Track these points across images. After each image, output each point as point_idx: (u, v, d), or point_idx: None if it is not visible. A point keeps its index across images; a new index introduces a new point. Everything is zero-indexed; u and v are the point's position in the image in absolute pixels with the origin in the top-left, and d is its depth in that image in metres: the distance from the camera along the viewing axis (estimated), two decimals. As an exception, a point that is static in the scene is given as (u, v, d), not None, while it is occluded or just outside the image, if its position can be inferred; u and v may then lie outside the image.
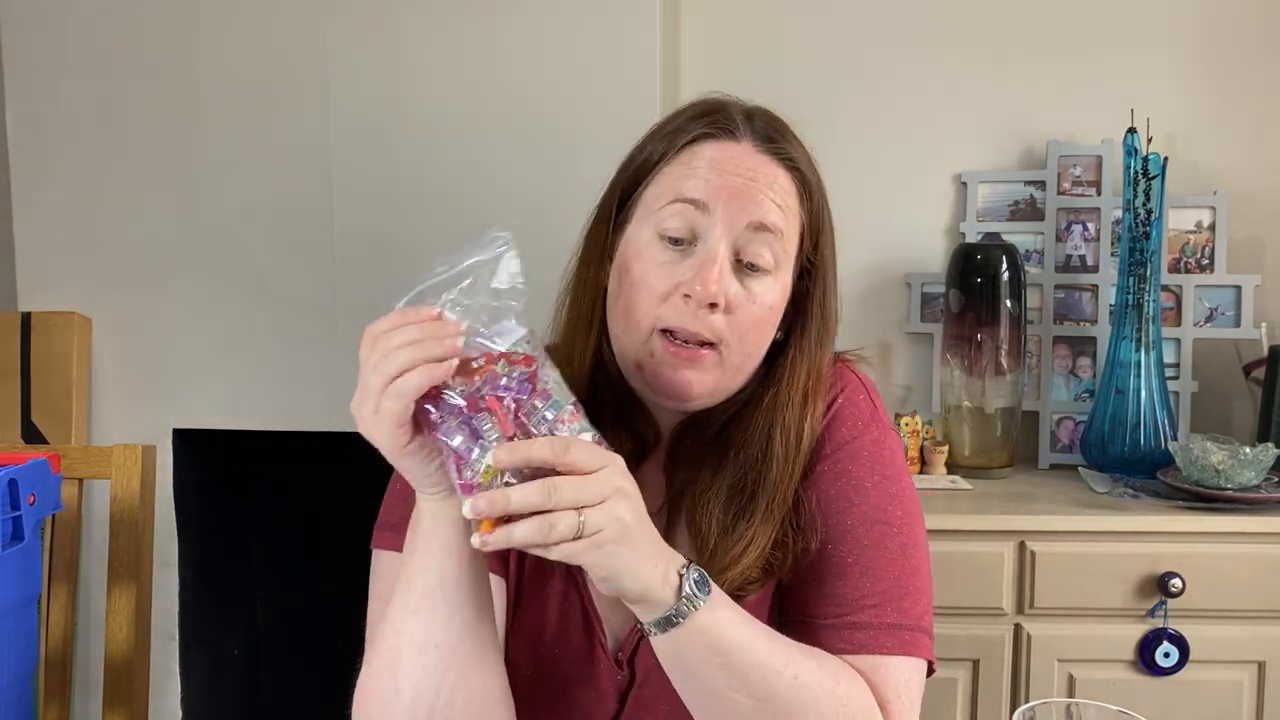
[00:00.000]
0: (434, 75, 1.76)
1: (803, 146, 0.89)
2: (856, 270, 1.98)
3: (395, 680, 0.73)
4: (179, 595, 1.90)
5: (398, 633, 0.73)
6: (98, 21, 1.80)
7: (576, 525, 0.64)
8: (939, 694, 1.56)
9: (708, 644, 0.72)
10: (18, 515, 1.01)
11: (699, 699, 0.76)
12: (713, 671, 0.73)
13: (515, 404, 0.67)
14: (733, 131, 0.85)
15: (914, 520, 0.87)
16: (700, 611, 0.71)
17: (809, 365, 0.87)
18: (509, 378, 0.67)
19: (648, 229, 0.83)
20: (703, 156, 0.84)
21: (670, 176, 0.84)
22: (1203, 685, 1.53)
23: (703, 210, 0.81)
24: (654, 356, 0.82)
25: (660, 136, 0.87)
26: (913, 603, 0.84)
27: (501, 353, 0.68)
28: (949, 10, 1.96)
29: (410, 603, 0.73)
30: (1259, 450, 1.57)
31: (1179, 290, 1.90)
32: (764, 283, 0.83)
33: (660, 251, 0.82)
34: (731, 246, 0.82)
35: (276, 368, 1.84)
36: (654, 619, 0.71)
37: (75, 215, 1.84)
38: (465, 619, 0.73)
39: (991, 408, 1.82)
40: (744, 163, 0.83)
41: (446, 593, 0.72)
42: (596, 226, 0.89)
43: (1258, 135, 1.93)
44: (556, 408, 0.68)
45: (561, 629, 0.88)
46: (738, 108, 0.88)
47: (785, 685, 0.75)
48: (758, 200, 0.82)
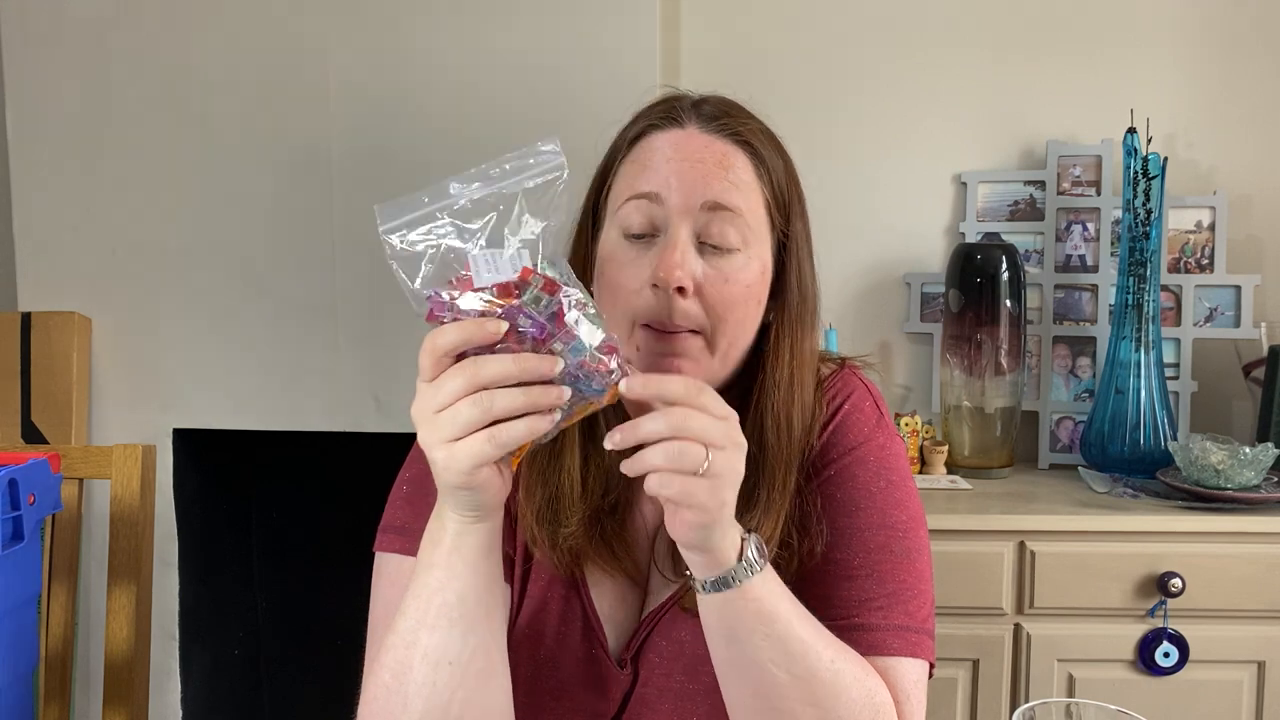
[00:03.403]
0: (434, 75, 1.76)
1: (758, 122, 0.89)
2: (856, 270, 1.98)
3: (405, 693, 0.73)
4: (179, 595, 1.90)
5: (410, 646, 0.73)
6: (97, 21, 1.80)
7: (703, 461, 0.65)
8: (939, 694, 1.56)
9: (758, 611, 0.73)
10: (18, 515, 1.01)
11: (737, 669, 0.76)
12: (759, 641, 0.73)
13: (534, 345, 0.65)
14: (677, 119, 0.86)
15: (919, 525, 0.88)
16: (756, 578, 0.72)
17: (792, 344, 0.87)
18: (534, 309, 0.64)
19: (614, 231, 0.84)
20: (650, 149, 0.85)
21: (625, 176, 0.86)
22: (1203, 685, 1.53)
23: (656, 201, 0.82)
24: (639, 351, 0.82)
25: (615, 140, 0.89)
26: (918, 606, 0.84)
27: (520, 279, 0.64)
28: (949, 10, 1.96)
29: (426, 618, 0.72)
30: (1259, 450, 1.57)
31: (1179, 290, 1.90)
32: (734, 261, 0.82)
33: (626, 250, 0.83)
34: (692, 230, 0.82)
35: (276, 368, 1.84)
36: (712, 577, 0.72)
37: (75, 215, 1.84)
38: (480, 638, 0.73)
39: (991, 408, 1.82)
40: (689, 146, 0.84)
41: (465, 612, 0.72)
42: (576, 239, 0.90)
43: (1258, 135, 1.93)
44: (579, 351, 0.65)
45: (562, 631, 0.88)
46: (687, 98, 0.89)
47: (824, 667, 0.75)
48: (708, 181, 0.82)
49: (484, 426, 0.63)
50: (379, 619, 0.85)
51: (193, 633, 1.93)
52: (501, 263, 0.64)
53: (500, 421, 0.63)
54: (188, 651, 1.93)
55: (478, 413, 0.63)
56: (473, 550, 0.71)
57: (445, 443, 0.64)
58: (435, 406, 0.64)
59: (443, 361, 0.64)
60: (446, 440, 0.64)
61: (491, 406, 0.63)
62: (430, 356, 0.64)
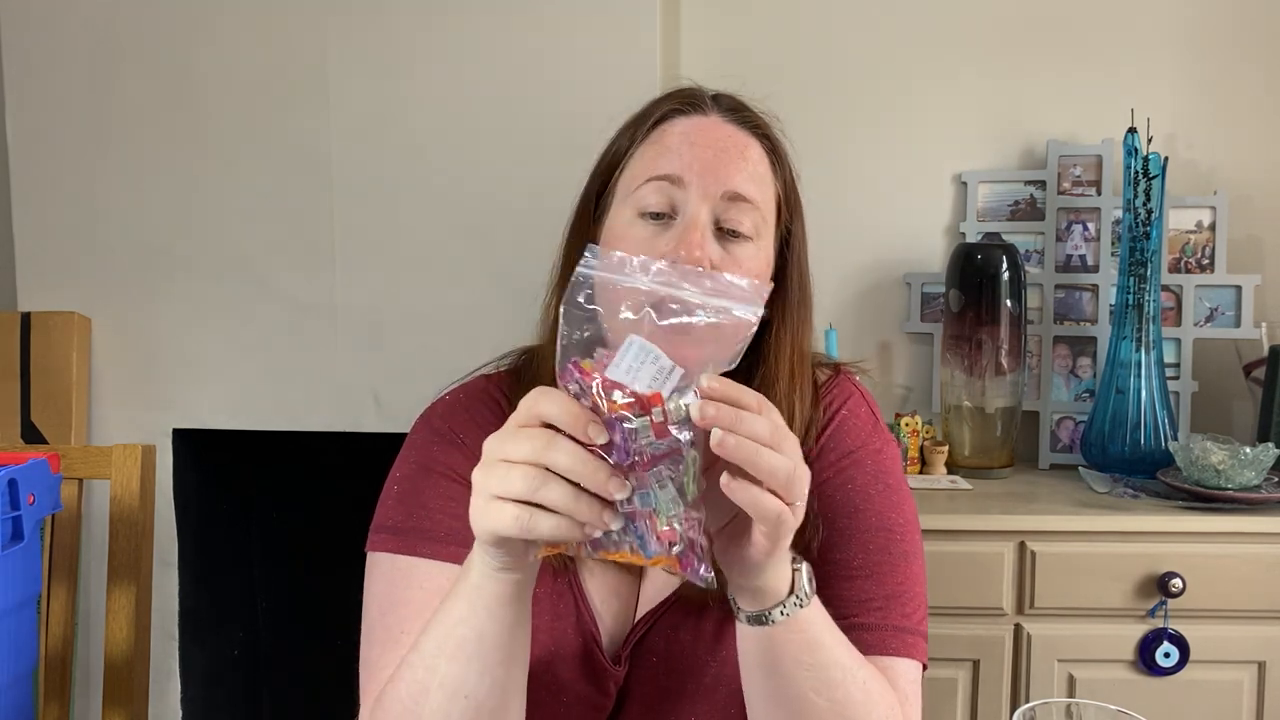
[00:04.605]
0: (434, 75, 1.76)
1: (769, 120, 0.90)
2: (856, 270, 1.98)
3: (419, 715, 0.73)
4: (179, 595, 1.90)
5: (430, 671, 0.72)
6: (98, 21, 1.80)
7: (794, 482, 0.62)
8: (939, 694, 1.56)
9: (804, 641, 0.72)
10: (18, 515, 1.01)
11: (775, 701, 0.75)
12: (803, 672, 0.72)
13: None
14: (700, 106, 0.87)
15: (913, 528, 0.89)
16: (805, 609, 0.71)
17: (793, 339, 0.88)
18: (634, 438, 0.59)
19: (627, 210, 0.85)
20: (673, 133, 0.86)
21: (643, 158, 0.86)
22: (1203, 685, 1.53)
23: (678, 185, 0.83)
24: None
25: (628, 126, 0.90)
26: (914, 608, 0.85)
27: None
28: (949, 10, 1.96)
29: (446, 647, 0.72)
30: (1259, 450, 1.57)
31: (1179, 290, 1.90)
32: (746, 249, 0.83)
33: (641, 228, 0.83)
34: (710, 214, 0.83)
35: (276, 368, 1.84)
36: (761, 610, 0.70)
37: (75, 215, 1.84)
38: (496, 677, 0.72)
39: (991, 408, 1.82)
40: (713, 134, 0.85)
41: (482, 651, 0.71)
42: (577, 223, 0.91)
43: (1258, 135, 1.93)
44: (646, 501, 0.60)
45: (556, 627, 0.88)
46: (705, 90, 0.90)
47: (859, 688, 0.75)
48: (730, 171, 0.83)
49: (525, 502, 0.61)
50: (374, 619, 0.85)
51: (193, 633, 1.93)
52: (646, 369, 0.60)
53: (541, 507, 0.60)
54: (188, 651, 1.93)
55: (525, 487, 0.60)
56: (491, 597, 0.69)
57: (487, 495, 0.62)
58: (500, 455, 0.62)
59: (533, 421, 0.61)
60: (488, 494, 0.62)
61: (539, 489, 0.60)
62: (526, 413, 0.62)
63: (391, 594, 0.85)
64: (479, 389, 0.94)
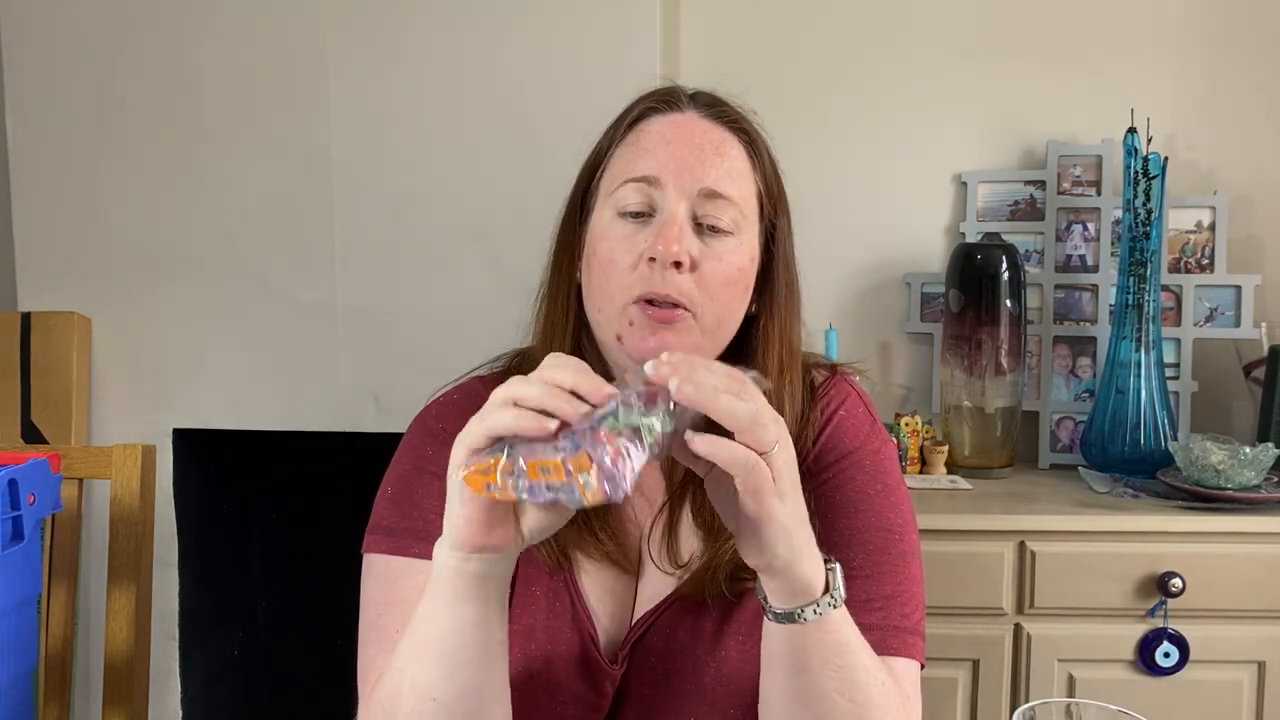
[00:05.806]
0: (434, 76, 1.76)
1: (748, 116, 0.90)
2: (856, 270, 1.98)
3: (395, 719, 0.73)
4: (179, 595, 1.91)
5: (401, 672, 0.73)
6: (98, 21, 1.80)
7: (774, 443, 0.64)
8: (939, 694, 1.56)
9: (834, 642, 0.72)
10: (18, 515, 1.01)
11: (799, 701, 0.74)
12: (830, 672, 0.72)
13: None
14: (676, 104, 0.88)
15: (911, 529, 0.89)
16: (837, 609, 0.71)
17: (781, 333, 0.89)
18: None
19: (608, 211, 0.86)
20: (649, 132, 0.86)
21: (622, 159, 0.87)
22: (1203, 685, 1.53)
23: (655, 185, 0.83)
24: (632, 325, 0.82)
25: (609, 126, 0.90)
26: (913, 608, 0.85)
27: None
28: (949, 10, 1.96)
29: (411, 647, 0.72)
30: (1259, 450, 1.57)
31: (1179, 290, 1.90)
32: (727, 243, 0.84)
33: (621, 227, 0.84)
34: (689, 211, 0.83)
35: (276, 368, 1.84)
36: (790, 608, 0.70)
37: (75, 215, 1.84)
38: (466, 680, 0.71)
39: (991, 408, 1.82)
40: (689, 131, 0.85)
41: (445, 652, 0.70)
42: (565, 225, 0.91)
43: (1258, 135, 1.93)
44: (599, 421, 0.63)
45: (552, 626, 0.87)
46: (682, 88, 0.90)
47: (879, 689, 0.75)
48: (706, 168, 0.84)
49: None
50: (369, 620, 0.85)
51: (193, 633, 1.93)
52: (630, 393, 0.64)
53: None
54: (188, 652, 1.93)
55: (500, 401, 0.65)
56: (452, 592, 0.69)
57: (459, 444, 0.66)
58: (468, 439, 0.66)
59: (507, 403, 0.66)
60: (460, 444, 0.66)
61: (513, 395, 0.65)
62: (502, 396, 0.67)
63: (386, 595, 0.85)
64: (473, 390, 0.94)
